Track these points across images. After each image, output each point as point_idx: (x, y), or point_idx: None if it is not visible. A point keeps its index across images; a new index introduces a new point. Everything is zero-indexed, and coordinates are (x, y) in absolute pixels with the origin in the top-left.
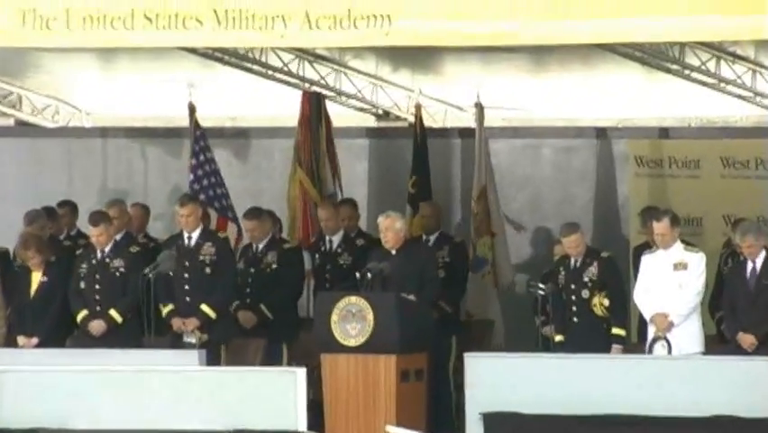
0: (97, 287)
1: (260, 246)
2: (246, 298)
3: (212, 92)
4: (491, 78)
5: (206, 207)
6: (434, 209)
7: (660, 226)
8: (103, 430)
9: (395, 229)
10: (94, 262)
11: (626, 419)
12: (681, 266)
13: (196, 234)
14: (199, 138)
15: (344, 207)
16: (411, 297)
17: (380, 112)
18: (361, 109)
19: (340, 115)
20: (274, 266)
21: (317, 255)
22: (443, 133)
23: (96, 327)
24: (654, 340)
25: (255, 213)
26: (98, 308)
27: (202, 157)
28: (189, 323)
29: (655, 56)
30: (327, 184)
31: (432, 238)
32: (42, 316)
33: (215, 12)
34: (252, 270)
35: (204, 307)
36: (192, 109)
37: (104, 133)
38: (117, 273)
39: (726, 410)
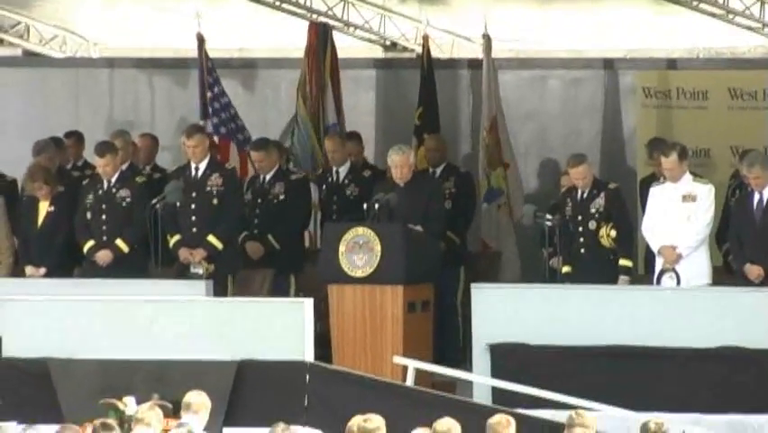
0: (104, 217)
1: (268, 177)
2: (253, 229)
3: (219, 22)
4: (499, 8)
5: (229, 140)
6: (438, 142)
7: (668, 161)
8: (109, 360)
9: (409, 164)
10: (100, 192)
11: (633, 350)
12: (689, 198)
13: (203, 166)
14: (211, 70)
15: (350, 143)
16: (418, 228)
17: (388, 43)
18: (369, 40)
19: (347, 47)
20: (281, 197)
21: (324, 187)
22: (451, 64)
23: (103, 256)
24: (663, 272)
25: (262, 144)
26: (105, 239)
27: (216, 89)
28: (196, 254)
29: None
30: (329, 115)
31: (438, 170)
32: (50, 246)
33: None
34: (260, 201)
35: (211, 237)
36: (201, 40)
37: (111, 63)
38: (123, 204)
39: (732, 341)
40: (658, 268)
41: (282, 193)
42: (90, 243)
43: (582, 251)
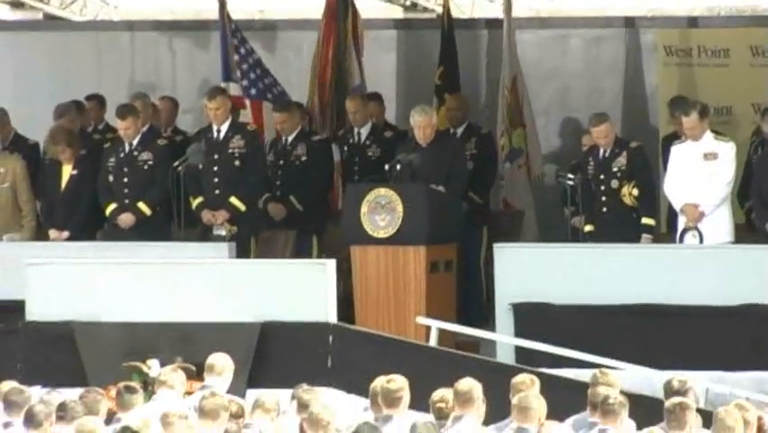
0: (126, 180)
1: (290, 139)
2: (276, 190)
3: None
4: None
5: (261, 100)
6: (460, 101)
7: (689, 120)
8: (133, 323)
9: (432, 125)
10: (122, 155)
11: (656, 309)
12: (711, 156)
13: (225, 128)
14: (235, 32)
15: (371, 104)
16: (440, 188)
17: (408, 3)
18: (389, 1)
19: (367, 8)
20: (303, 158)
21: (346, 148)
22: (471, 23)
23: (126, 219)
24: (685, 230)
25: (284, 105)
26: (127, 201)
27: (243, 50)
28: (219, 215)
29: None
30: (354, 77)
31: (459, 130)
32: (73, 209)
33: None
34: (282, 162)
35: (233, 199)
36: (223, 2)
37: (131, 26)
38: (145, 166)
39: (755, 299)
40: (680, 226)
41: (304, 155)
42: (113, 205)
43: (604, 210)
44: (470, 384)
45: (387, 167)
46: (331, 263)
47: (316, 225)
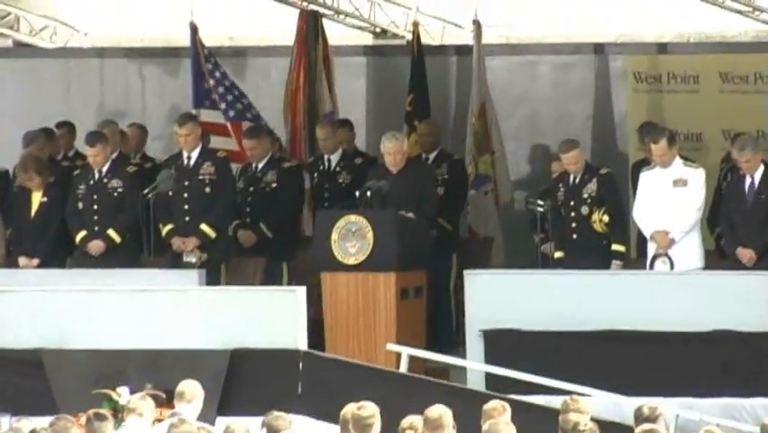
0: (95, 207)
1: (260, 165)
2: (246, 217)
3: (208, 11)
4: None
5: (241, 120)
6: (431, 127)
7: (657, 148)
8: (103, 350)
9: (402, 151)
10: (91, 182)
11: (627, 335)
12: (680, 183)
13: (195, 154)
14: (209, 57)
15: (341, 130)
16: (410, 215)
17: (378, 30)
18: (359, 27)
19: (337, 34)
20: (274, 185)
21: (315, 174)
22: (441, 50)
23: (95, 246)
24: (655, 257)
25: (254, 132)
26: (96, 229)
27: (218, 74)
28: (189, 242)
29: None
30: (324, 103)
31: (432, 156)
32: (43, 236)
33: None
34: (252, 189)
35: (203, 226)
36: (195, 29)
37: (101, 53)
38: (115, 193)
39: (725, 325)
40: (651, 253)
41: (274, 181)
42: (82, 233)
43: (575, 236)
44: (440, 411)
45: (357, 193)
46: (301, 290)
47: (286, 251)
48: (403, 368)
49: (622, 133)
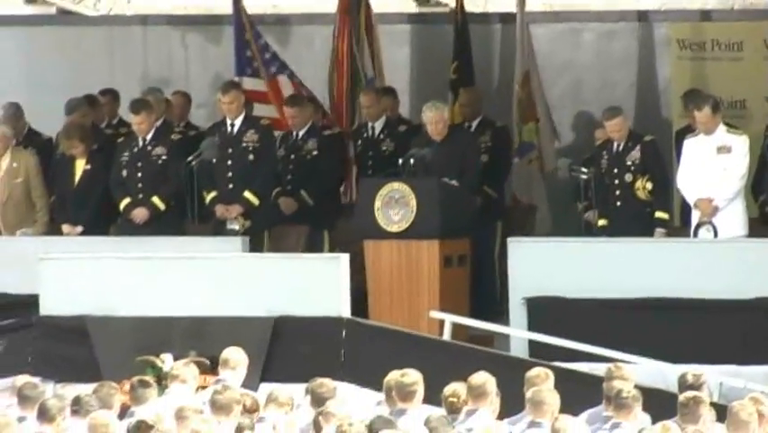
0: (139, 175)
1: (301, 133)
2: (286, 185)
3: None
4: None
5: (299, 85)
6: (472, 96)
7: (701, 115)
8: (147, 317)
9: (444, 120)
10: (135, 150)
11: (670, 303)
12: (724, 150)
13: (238, 122)
14: (251, 25)
15: (385, 98)
16: (453, 182)
17: None
18: None
19: (380, 2)
20: (314, 153)
21: (359, 142)
22: (485, 18)
23: (139, 214)
24: (699, 225)
25: (296, 100)
26: (140, 196)
27: (261, 42)
28: (232, 210)
29: None
30: (367, 70)
31: (474, 124)
32: (86, 204)
33: None
34: (293, 156)
35: (247, 193)
36: None
37: (144, 21)
38: (159, 161)
39: None
40: (694, 221)
41: (315, 149)
42: (126, 200)
43: (618, 204)
44: (483, 378)
45: (400, 161)
46: (345, 258)
47: (327, 220)
48: (446, 336)
49: (666, 101)
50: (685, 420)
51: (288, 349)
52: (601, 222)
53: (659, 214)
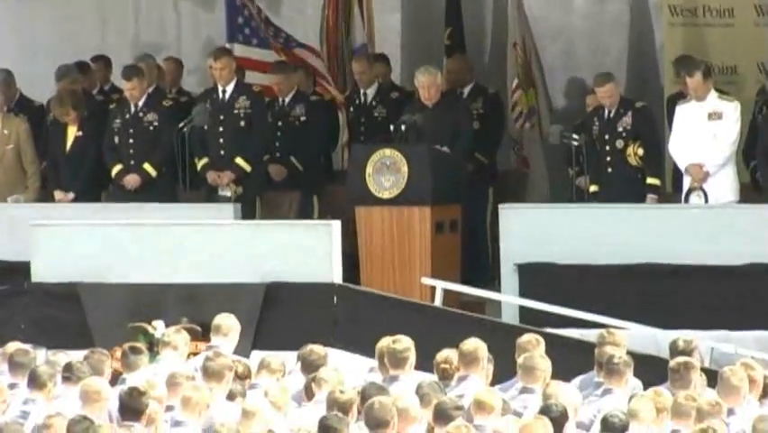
0: (131, 141)
1: (287, 100)
2: (275, 151)
3: None
4: None
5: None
6: (460, 64)
7: (692, 81)
8: (138, 284)
9: (436, 85)
10: (127, 116)
11: (661, 268)
12: (715, 116)
13: (230, 88)
14: None
15: (377, 64)
16: (445, 149)
17: None
18: None
19: None
20: (302, 119)
21: (351, 108)
22: None
23: (131, 180)
24: (690, 190)
25: (281, 67)
26: (132, 163)
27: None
28: (224, 176)
29: None
30: (356, 36)
31: (466, 90)
32: (78, 170)
33: None
34: (280, 123)
35: (238, 160)
36: None
37: None
38: (151, 127)
39: (761, 258)
40: (686, 186)
41: (303, 115)
42: (118, 167)
43: (610, 170)
44: (475, 344)
45: (392, 128)
46: (336, 224)
47: (317, 185)
48: (438, 302)
49: (658, 67)
50: (676, 386)
51: (279, 315)
52: (593, 188)
53: (650, 180)
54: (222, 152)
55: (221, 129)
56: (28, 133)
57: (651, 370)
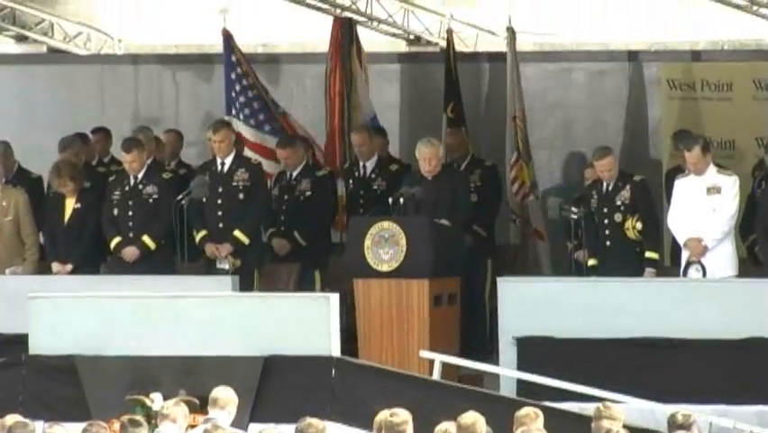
0: (130, 213)
1: (294, 174)
2: (280, 225)
3: (243, 17)
4: (522, 1)
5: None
6: (457, 137)
7: (691, 155)
8: (136, 356)
9: (438, 157)
10: (126, 188)
11: (660, 342)
12: (714, 190)
13: (229, 160)
14: (235, 65)
15: (375, 137)
16: (443, 221)
17: (412, 37)
18: (393, 34)
19: (371, 41)
20: (308, 193)
21: (351, 181)
22: (474, 57)
23: (130, 253)
24: (689, 264)
25: (288, 141)
26: (131, 235)
27: (244, 82)
28: (223, 249)
29: None
30: (362, 109)
31: (464, 164)
32: (76, 242)
33: None
34: (286, 197)
35: (237, 232)
36: (228, 36)
37: (135, 59)
38: (150, 200)
39: (759, 333)
40: (684, 260)
41: (308, 189)
42: (117, 239)
43: (608, 243)
44: (473, 418)
45: (390, 200)
46: (334, 297)
47: (319, 259)
48: (436, 375)
49: (656, 141)
50: None
51: (277, 388)
52: (591, 261)
53: (649, 253)
54: (220, 225)
55: (219, 201)
56: (27, 205)
57: None
